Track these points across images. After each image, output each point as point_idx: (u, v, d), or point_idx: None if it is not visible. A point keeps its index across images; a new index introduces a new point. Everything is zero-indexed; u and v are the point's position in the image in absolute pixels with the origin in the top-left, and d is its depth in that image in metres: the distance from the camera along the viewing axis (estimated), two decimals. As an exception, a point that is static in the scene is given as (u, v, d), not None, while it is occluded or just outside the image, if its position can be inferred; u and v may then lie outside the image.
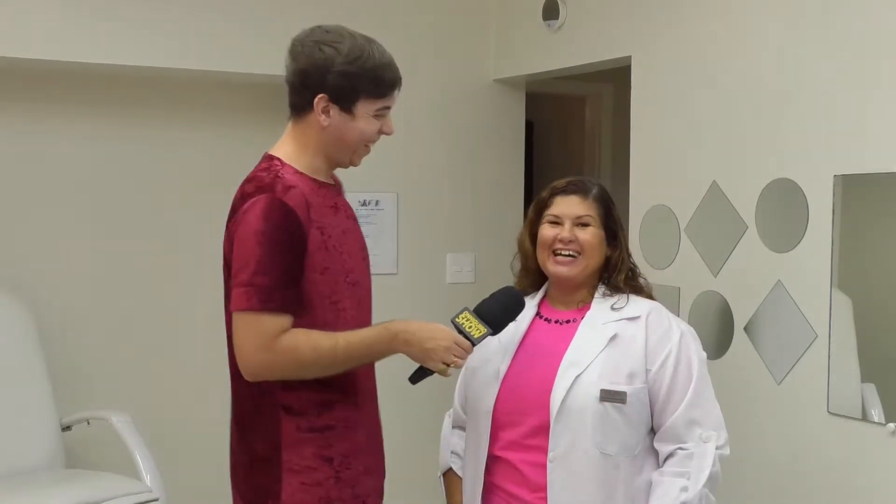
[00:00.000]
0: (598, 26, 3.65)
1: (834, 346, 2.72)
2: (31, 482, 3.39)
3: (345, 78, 2.13)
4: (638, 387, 2.24)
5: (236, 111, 4.18)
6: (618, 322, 2.29)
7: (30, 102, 3.92)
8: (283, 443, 2.16)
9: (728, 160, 3.06)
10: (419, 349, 2.14)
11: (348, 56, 2.13)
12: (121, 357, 4.01)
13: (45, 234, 3.93)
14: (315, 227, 2.11)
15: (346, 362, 2.12)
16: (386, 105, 2.20)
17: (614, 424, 2.22)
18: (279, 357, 2.07)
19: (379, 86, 2.16)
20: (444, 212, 4.23)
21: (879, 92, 2.62)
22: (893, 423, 2.55)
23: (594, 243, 2.33)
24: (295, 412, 2.15)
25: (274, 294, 2.05)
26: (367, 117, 2.17)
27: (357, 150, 2.22)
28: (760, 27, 2.97)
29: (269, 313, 2.05)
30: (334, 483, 2.17)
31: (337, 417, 2.18)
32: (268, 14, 3.85)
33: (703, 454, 2.21)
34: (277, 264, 2.05)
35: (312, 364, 2.09)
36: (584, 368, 2.24)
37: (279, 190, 2.08)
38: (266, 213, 2.05)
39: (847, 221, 2.71)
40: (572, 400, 2.22)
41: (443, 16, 4.17)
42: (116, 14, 3.65)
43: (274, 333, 2.06)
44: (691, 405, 2.24)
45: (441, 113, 4.17)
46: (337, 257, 2.16)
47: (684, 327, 2.34)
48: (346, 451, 2.19)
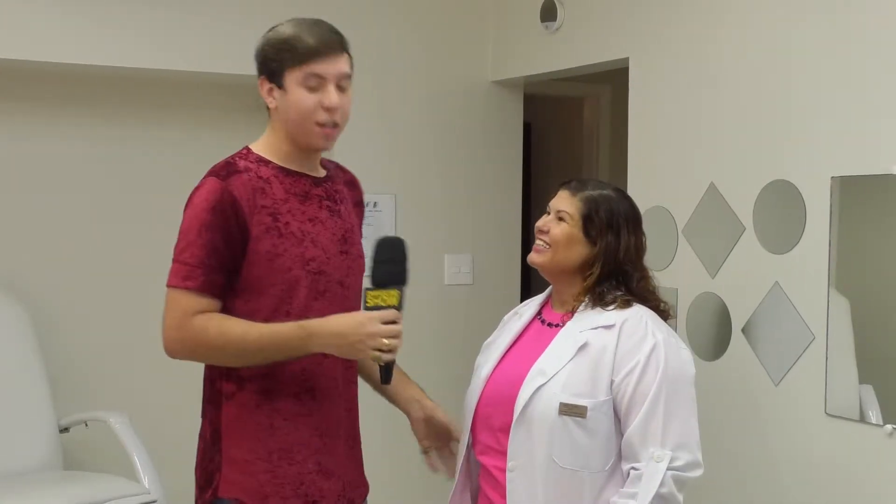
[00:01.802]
0: (596, 28, 3.65)
1: (831, 347, 2.72)
2: (29, 483, 3.38)
3: (270, 51, 2.17)
4: (601, 399, 2.16)
5: (233, 112, 4.17)
6: (593, 330, 2.23)
7: (27, 104, 3.92)
8: (223, 431, 2.17)
9: (726, 162, 3.06)
10: (344, 346, 2.09)
11: (271, 34, 2.19)
12: (119, 358, 4.01)
13: (42, 234, 3.93)
14: (265, 213, 2.12)
15: (258, 354, 2.09)
16: (312, 72, 2.13)
17: (574, 438, 2.16)
18: (188, 336, 2.09)
19: (297, 51, 2.12)
20: (442, 213, 4.22)
21: (877, 94, 2.62)
22: (891, 425, 2.55)
23: (561, 239, 2.30)
24: (234, 400, 2.15)
25: (194, 273, 2.09)
26: (298, 88, 2.13)
27: (305, 127, 2.16)
28: (758, 29, 2.97)
29: (188, 291, 2.09)
30: (270, 478, 2.14)
31: (280, 410, 2.15)
32: (263, 16, 3.82)
33: (651, 475, 2.10)
34: (203, 246, 2.09)
35: (220, 349, 2.09)
36: (549, 379, 2.19)
37: (223, 174, 2.14)
38: (204, 195, 2.12)
39: (845, 223, 2.71)
40: (532, 410, 2.18)
41: (441, 17, 4.17)
42: (110, 16, 3.65)
43: (188, 312, 2.09)
44: (647, 420, 2.13)
45: (439, 114, 4.17)
46: (295, 244, 2.14)
47: (663, 337, 2.21)
48: (288, 445, 2.15)
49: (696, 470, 2.16)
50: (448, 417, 2.39)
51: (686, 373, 2.23)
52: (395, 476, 4.04)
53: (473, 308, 4.17)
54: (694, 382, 2.24)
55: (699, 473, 2.17)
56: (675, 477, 2.11)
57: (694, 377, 2.25)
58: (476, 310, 4.13)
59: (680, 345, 2.27)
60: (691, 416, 2.19)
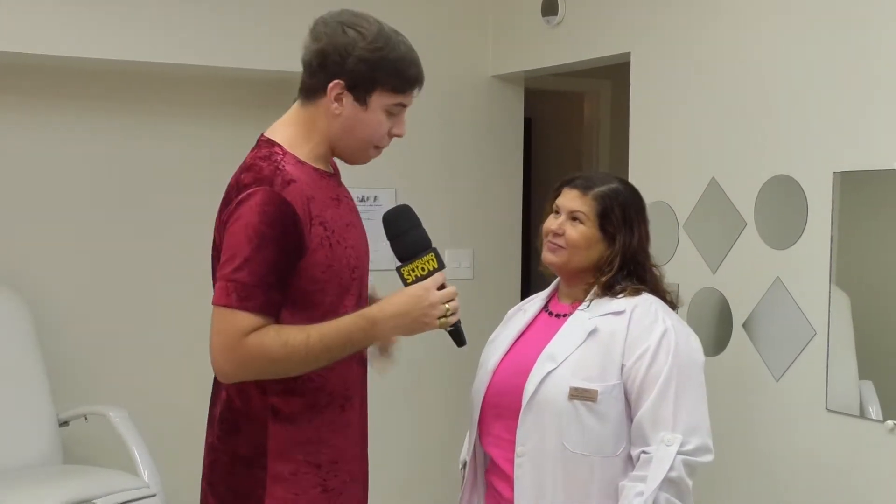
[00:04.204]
0: (596, 22, 3.65)
1: (832, 343, 2.72)
2: (29, 478, 3.38)
3: (365, 65, 1.99)
4: (611, 383, 2.16)
5: (235, 107, 4.17)
6: (603, 317, 2.23)
7: (28, 99, 3.91)
8: (270, 448, 2.04)
9: (727, 157, 3.06)
10: (410, 324, 2.01)
11: (373, 42, 2.00)
12: (118, 353, 4.01)
13: (42, 229, 3.92)
14: (317, 224, 1.99)
15: (323, 355, 1.97)
16: (402, 102, 2.05)
17: (585, 423, 2.15)
18: (246, 356, 1.93)
19: (399, 79, 2.02)
20: (443, 208, 4.22)
21: (879, 89, 2.62)
22: (891, 421, 2.55)
23: (580, 242, 2.27)
24: (284, 416, 2.03)
25: (254, 293, 1.92)
26: (380, 112, 2.03)
27: (363, 148, 2.08)
28: (759, 23, 2.97)
29: (245, 312, 1.92)
30: (321, 492, 2.07)
31: (327, 423, 2.08)
32: (267, 10, 3.85)
33: (661, 458, 2.08)
34: (263, 263, 1.92)
35: (285, 360, 1.95)
36: (559, 364, 2.19)
37: (278, 184, 1.95)
38: (261, 208, 1.93)
39: (846, 218, 2.70)
40: (542, 395, 2.17)
41: (441, 12, 4.16)
42: (115, 10, 3.65)
43: (244, 332, 1.92)
44: (658, 404, 2.12)
45: (440, 109, 4.16)
46: (341, 253, 2.04)
47: (673, 324, 2.21)
48: (334, 458, 2.09)
49: (707, 455, 2.14)
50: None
51: (697, 360, 2.23)
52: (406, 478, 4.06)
53: (474, 303, 4.15)
54: (703, 370, 2.24)
55: (710, 459, 2.15)
56: (686, 461, 2.09)
57: (703, 365, 2.24)
58: (476, 304, 4.11)
59: (690, 332, 2.27)
60: (701, 401, 2.19)
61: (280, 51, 3.80)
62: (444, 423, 4.01)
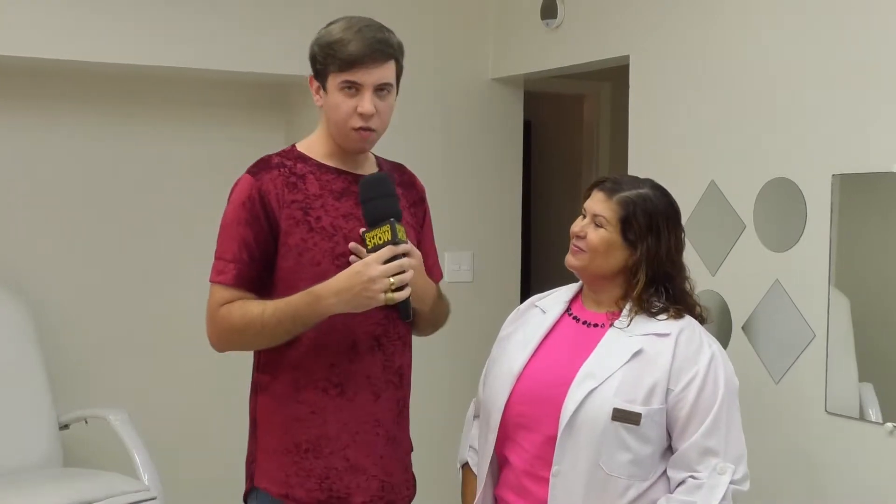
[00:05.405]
0: (596, 25, 3.65)
1: (832, 345, 2.72)
2: (29, 481, 3.38)
3: (316, 55, 2.20)
4: (655, 408, 2.11)
5: (234, 109, 4.18)
6: (646, 336, 2.16)
7: (27, 101, 3.92)
8: (259, 421, 2.24)
9: (726, 159, 3.06)
10: (352, 299, 2.07)
11: (319, 35, 2.21)
12: (119, 355, 4.01)
13: (43, 231, 3.93)
14: (296, 208, 2.16)
15: (278, 328, 2.11)
16: (348, 80, 2.14)
17: (625, 446, 2.10)
18: (219, 326, 2.16)
19: (337, 59, 2.14)
20: (443, 210, 4.18)
21: (878, 91, 2.62)
22: (891, 423, 2.56)
23: (599, 246, 2.21)
24: (268, 391, 2.22)
25: (227, 268, 2.16)
26: (337, 93, 2.16)
27: (342, 133, 2.19)
28: (758, 26, 2.97)
29: (221, 285, 2.16)
30: (296, 470, 2.16)
31: (307, 403, 2.17)
32: (265, 15, 3.85)
33: (714, 486, 2.08)
34: (234, 240, 2.16)
35: (245, 330, 2.13)
36: (601, 382, 2.12)
37: (255, 171, 2.20)
38: (236, 194, 2.19)
39: (845, 221, 2.71)
40: (584, 415, 2.10)
41: (441, 14, 4.17)
42: (114, 14, 3.65)
43: (219, 304, 2.16)
44: (710, 433, 2.10)
45: (439, 112, 4.17)
46: (325, 238, 2.17)
47: (716, 349, 2.19)
48: (315, 438, 2.17)
49: (748, 483, 2.15)
50: None
51: (737, 386, 2.22)
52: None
53: (474, 305, 4.16)
54: None
55: (748, 488, 2.15)
56: (735, 491, 2.10)
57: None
58: (476, 307, 4.12)
59: (727, 357, 2.24)
60: (741, 429, 2.19)
61: (278, 54, 3.80)
62: (443, 423, 4.01)
